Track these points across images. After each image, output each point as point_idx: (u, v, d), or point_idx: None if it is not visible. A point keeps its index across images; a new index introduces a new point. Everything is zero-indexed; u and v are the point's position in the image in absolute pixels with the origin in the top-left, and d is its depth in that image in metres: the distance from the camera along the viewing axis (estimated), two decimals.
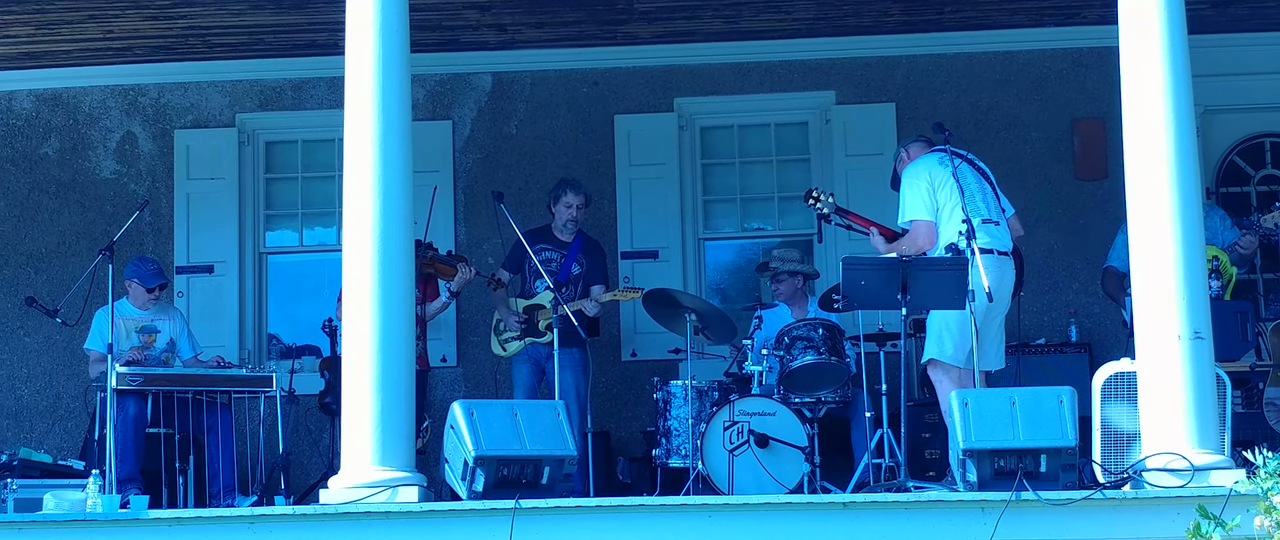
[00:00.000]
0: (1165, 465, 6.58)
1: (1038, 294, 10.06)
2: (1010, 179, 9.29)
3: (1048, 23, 10.21)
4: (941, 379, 7.92)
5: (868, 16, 10.06)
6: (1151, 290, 6.77)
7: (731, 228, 10.72)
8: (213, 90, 10.71)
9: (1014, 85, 10.49)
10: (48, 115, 10.75)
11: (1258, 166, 10.64)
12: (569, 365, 9.01)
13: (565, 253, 9.41)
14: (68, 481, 7.56)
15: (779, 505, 6.85)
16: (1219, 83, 9.80)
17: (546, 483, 6.95)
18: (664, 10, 9.84)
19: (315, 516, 6.75)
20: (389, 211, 7.04)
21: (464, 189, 10.51)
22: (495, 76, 10.65)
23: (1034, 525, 6.54)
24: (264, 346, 10.57)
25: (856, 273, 7.69)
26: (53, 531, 6.84)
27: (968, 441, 6.74)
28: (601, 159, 10.52)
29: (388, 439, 6.88)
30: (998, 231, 8.06)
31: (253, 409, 9.03)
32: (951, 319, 7.80)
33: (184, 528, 6.84)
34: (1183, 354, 6.68)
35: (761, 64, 10.55)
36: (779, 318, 9.21)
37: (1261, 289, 10.33)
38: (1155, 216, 6.79)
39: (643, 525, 6.72)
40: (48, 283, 10.32)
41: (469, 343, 10.34)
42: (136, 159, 10.68)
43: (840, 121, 10.48)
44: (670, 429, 8.74)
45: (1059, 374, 9.21)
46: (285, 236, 10.80)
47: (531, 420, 7.04)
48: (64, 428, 10.31)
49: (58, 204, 10.65)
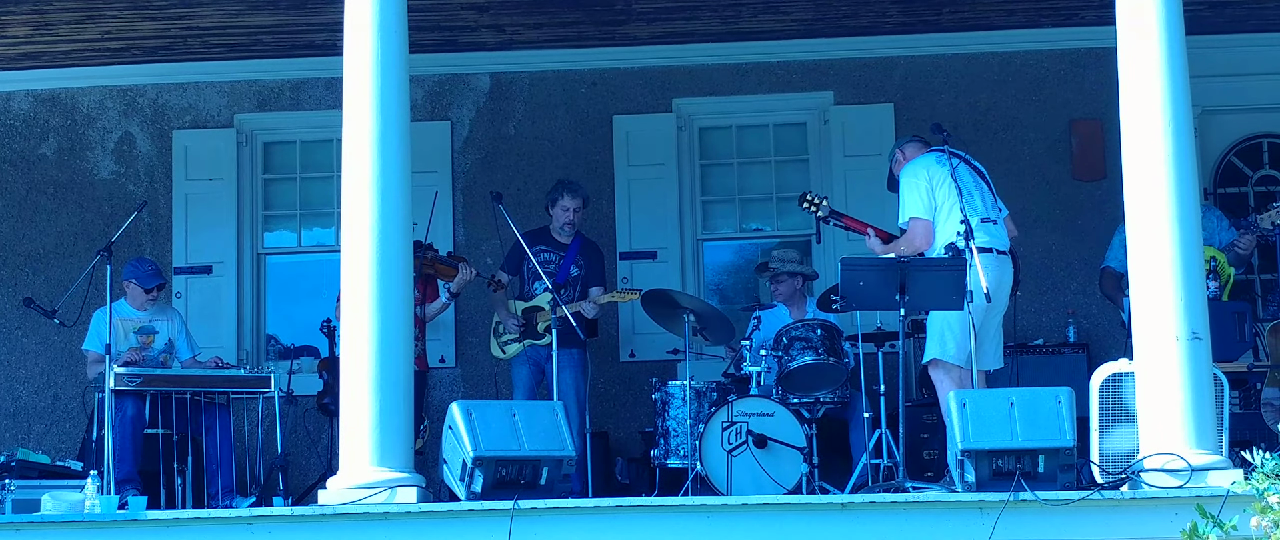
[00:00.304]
0: (1163, 465, 6.59)
1: (1036, 294, 10.07)
2: (1008, 179, 9.29)
3: (1046, 23, 10.20)
4: (943, 379, 7.93)
5: (866, 17, 10.05)
6: (1149, 291, 6.78)
7: (730, 228, 10.72)
8: (211, 91, 10.70)
9: (1012, 86, 10.49)
10: (46, 116, 10.74)
11: (1255, 167, 10.63)
12: (568, 366, 9.02)
13: (564, 254, 9.40)
14: (66, 482, 7.55)
15: (777, 506, 6.85)
16: (1217, 83, 9.80)
17: (545, 483, 6.95)
18: (662, 11, 9.83)
19: (314, 517, 6.75)
20: (387, 212, 7.04)
21: (462, 190, 10.50)
22: (494, 77, 10.64)
23: (1032, 525, 6.54)
24: (262, 347, 10.56)
25: (855, 273, 7.69)
26: (51, 532, 6.84)
27: (966, 442, 6.74)
28: (600, 160, 10.52)
29: (386, 439, 6.88)
30: (996, 230, 8.06)
31: (251, 410, 9.03)
32: (952, 319, 7.81)
33: (182, 528, 6.84)
34: (1180, 354, 6.68)
35: (760, 65, 10.55)
36: (777, 318, 9.21)
37: (1259, 289, 10.32)
38: (1153, 217, 6.80)
39: (641, 526, 6.72)
40: (46, 283, 10.31)
41: (468, 343, 10.34)
42: (134, 159, 10.67)
43: (838, 122, 10.48)
44: (669, 429, 8.74)
45: (1057, 374, 9.20)
46: (283, 237, 10.79)
47: (530, 421, 7.04)
48: (62, 428, 10.30)
49: (56, 205, 10.64)
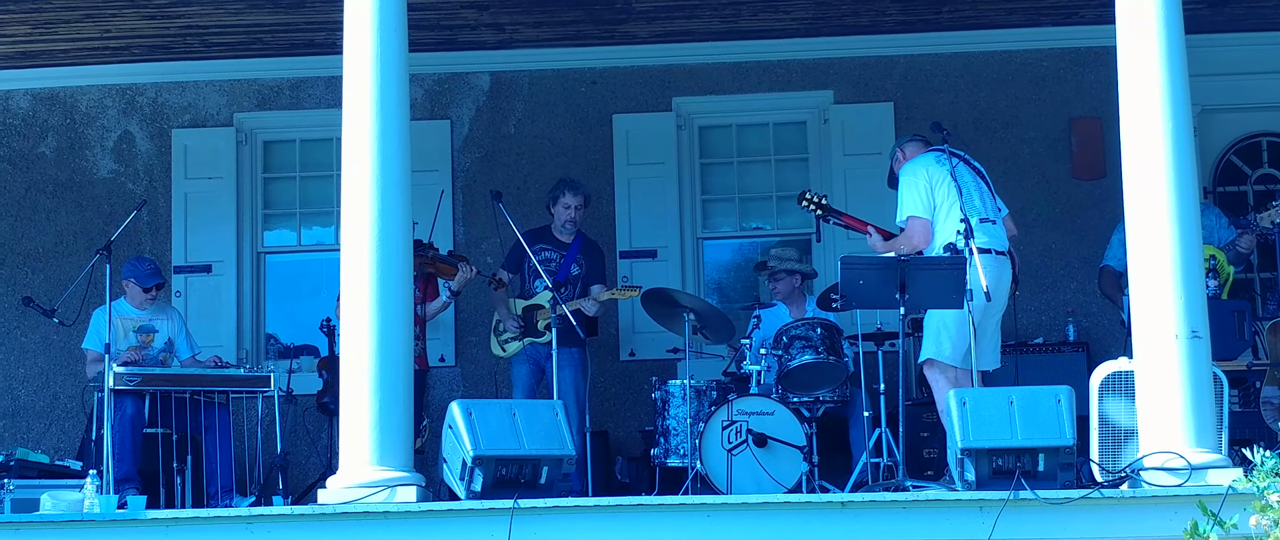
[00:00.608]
0: (1163, 464, 6.58)
1: (1035, 293, 10.06)
2: (1008, 178, 9.29)
3: (1045, 22, 10.20)
4: (938, 379, 7.92)
5: (866, 16, 10.05)
6: (1149, 289, 6.77)
7: (730, 227, 10.72)
8: (210, 89, 10.69)
9: (1012, 85, 10.49)
10: (45, 114, 10.73)
11: (1255, 166, 10.63)
12: (568, 365, 9.01)
13: (565, 253, 9.40)
14: (65, 482, 7.55)
15: (777, 505, 6.84)
16: (1216, 82, 9.80)
17: (545, 482, 6.95)
18: (662, 10, 9.83)
19: (313, 516, 6.75)
20: (387, 211, 7.03)
21: (462, 189, 10.50)
22: (493, 76, 10.64)
23: (1032, 524, 6.54)
24: (262, 346, 10.55)
25: (855, 272, 7.68)
26: (50, 532, 6.83)
27: (966, 441, 6.73)
28: (600, 158, 10.51)
29: (386, 439, 6.87)
30: (995, 230, 8.06)
31: (251, 409, 9.03)
32: (949, 318, 7.80)
33: (181, 528, 6.84)
34: (1180, 353, 6.68)
35: (760, 63, 10.54)
36: (777, 317, 9.21)
37: (1258, 288, 10.32)
38: (1153, 216, 6.79)
39: (641, 525, 6.72)
40: (45, 282, 10.31)
41: (467, 342, 10.33)
42: (134, 158, 10.66)
43: (838, 121, 10.48)
44: (669, 428, 8.74)
45: (1057, 373, 9.19)
46: (283, 236, 10.78)
47: (530, 420, 7.04)
48: (61, 428, 10.29)
49: (55, 203, 10.63)
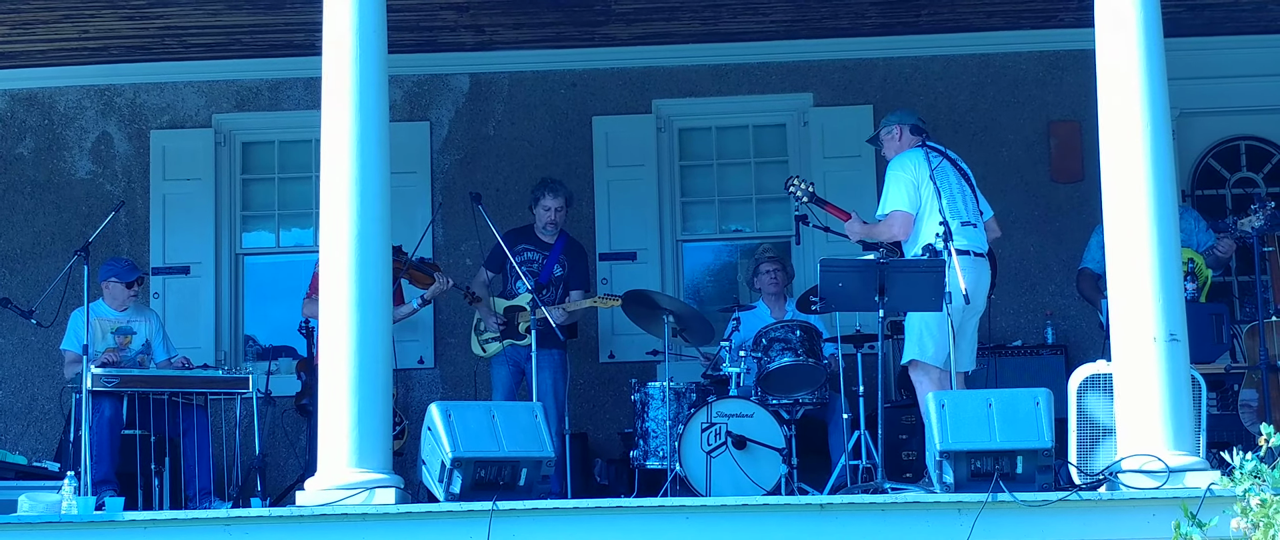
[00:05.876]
0: (1141, 467, 6.60)
1: (1014, 296, 10.09)
2: (987, 181, 9.28)
3: (1024, 25, 10.23)
4: (922, 380, 7.93)
5: (845, 19, 10.07)
6: (1127, 292, 6.79)
7: (709, 229, 10.72)
8: (189, 90, 10.66)
9: (991, 88, 10.52)
10: (22, 115, 10.69)
11: (1233, 170, 10.67)
12: (547, 366, 9.01)
13: (547, 254, 9.40)
14: (43, 483, 7.54)
15: (756, 507, 6.85)
16: (1195, 86, 9.84)
17: (524, 484, 6.94)
18: (642, 12, 9.83)
19: (292, 518, 6.73)
20: (366, 213, 7.02)
21: (442, 190, 10.48)
22: (473, 77, 10.63)
23: (1010, 526, 6.56)
24: (240, 348, 10.53)
25: (834, 275, 7.69)
26: (27, 533, 6.80)
27: (944, 443, 6.75)
28: (579, 160, 10.51)
29: (365, 440, 6.86)
30: (975, 233, 8.07)
31: (229, 411, 9.00)
32: (931, 320, 7.82)
33: (160, 529, 6.81)
34: (1158, 356, 6.70)
35: (739, 66, 10.55)
36: (757, 319, 9.21)
37: (1237, 291, 10.36)
38: (1131, 219, 6.81)
39: (620, 527, 6.72)
40: (23, 284, 10.27)
41: (447, 344, 10.32)
42: (112, 159, 10.63)
43: (818, 123, 10.49)
44: (648, 430, 8.74)
45: (1035, 376, 9.22)
46: (262, 237, 10.76)
47: (509, 422, 7.03)
48: (39, 429, 10.26)
49: (33, 204, 10.59)
